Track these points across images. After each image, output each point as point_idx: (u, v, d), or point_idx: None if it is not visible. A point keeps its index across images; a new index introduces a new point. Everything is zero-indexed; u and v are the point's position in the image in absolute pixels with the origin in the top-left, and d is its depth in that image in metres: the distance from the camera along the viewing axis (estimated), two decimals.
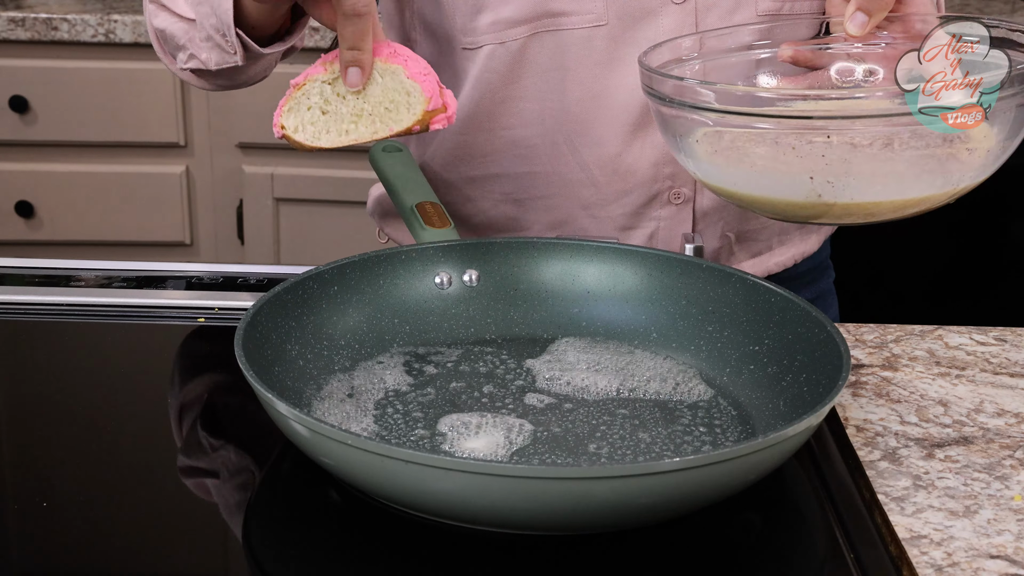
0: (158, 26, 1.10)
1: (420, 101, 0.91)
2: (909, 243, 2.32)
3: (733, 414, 0.89)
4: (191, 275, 1.13)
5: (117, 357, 1.03)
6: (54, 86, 2.27)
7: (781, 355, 0.90)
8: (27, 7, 2.28)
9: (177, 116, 2.31)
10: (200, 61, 1.07)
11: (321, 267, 0.95)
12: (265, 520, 0.80)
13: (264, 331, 0.88)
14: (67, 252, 2.38)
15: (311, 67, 0.93)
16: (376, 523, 0.78)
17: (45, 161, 2.34)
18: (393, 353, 0.95)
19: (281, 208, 2.38)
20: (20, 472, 0.86)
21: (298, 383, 0.89)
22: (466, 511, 0.73)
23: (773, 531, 0.81)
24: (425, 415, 0.87)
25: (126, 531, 0.79)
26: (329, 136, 0.92)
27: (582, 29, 1.07)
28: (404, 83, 0.91)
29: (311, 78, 0.92)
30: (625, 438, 0.85)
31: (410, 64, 0.91)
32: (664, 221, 1.14)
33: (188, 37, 1.07)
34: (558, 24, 1.08)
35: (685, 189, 1.13)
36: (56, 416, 0.92)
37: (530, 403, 0.89)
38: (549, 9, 1.07)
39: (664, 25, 1.07)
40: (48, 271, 1.13)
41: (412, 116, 0.91)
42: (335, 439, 0.73)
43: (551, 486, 0.70)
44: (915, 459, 0.85)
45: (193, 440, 0.90)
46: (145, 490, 0.83)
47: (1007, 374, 0.97)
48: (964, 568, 0.74)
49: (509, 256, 1.00)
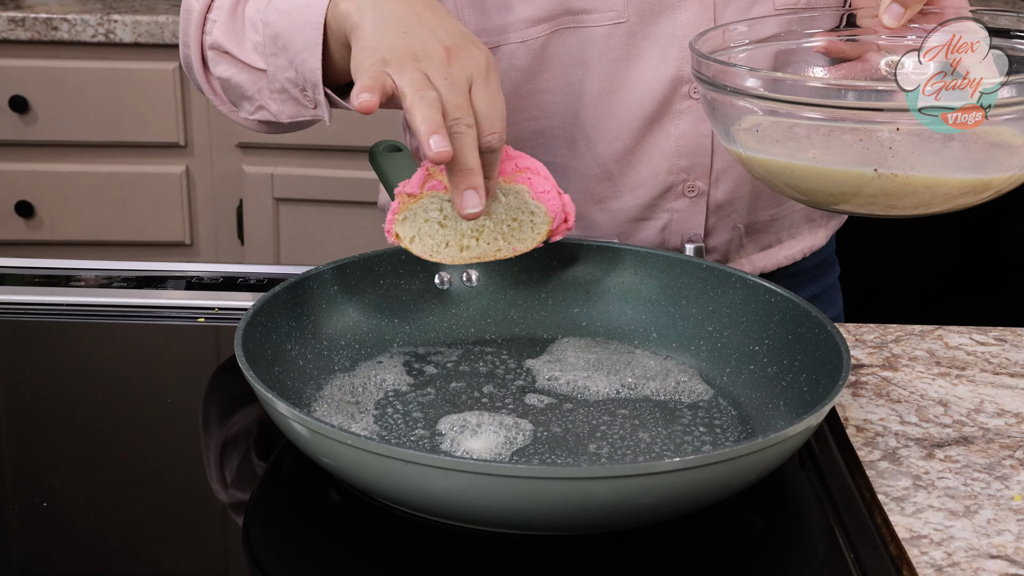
0: (221, 75, 1.04)
1: (544, 221, 0.90)
2: (910, 243, 2.32)
3: (733, 414, 0.89)
4: (191, 275, 1.13)
5: (117, 357, 1.03)
6: (54, 86, 2.27)
7: (781, 355, 0.90)
8: (27, 7, 2.28)
9: (177, 116, 2.31)
10: (270, 113, 1.03)
11: (321, 267, 0.95)
12: (265, 520, 0.80)
13: (264, 331, 0.88)
14: (67, 252, 2.38)
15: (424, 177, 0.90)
16: (376, 523, 0.78)
17: (45, 161, 2.34)
18: (393, 353, 0.95)
19: (281, 208, 2.38)
20: (20, 472, 0.86)
21: (298, 383, 0.89)
22: (466, 511, 0.73)
23: (773, 531, 0.81)
24: (425, 415, 0.87)
25: (126, 531, 0.79)
26: (449, 251, 0.89)
27: (603, 27, 1.08)
28: (528, 203, 0.90)
29: (430, 193, 0.89)
30: (625, 438, 0.85)
31: (534, 182, 0.90)
32: (678, 214, 1.14)
33: (257, 88, 1.02)
34: (579, 22, 1.08)
35: (700, 182, 1.13)
36: (56, 416, 0.92)
37: (530, 403, 0.89)
38: (570, 7, 1.07)
39: (682, 20, 1.07)
40: (48, 271, 1.13)
41: (536, 236, 0.91)
42: (335, 439, 0.73)
43: (551, 486, 0.70)
44: (915, 459, 0.85)
45: (193, 440, 0.90)
46: (145, 490, 0.83)
47: (1007, 374, 0.97)
48: (964, 568, 0.74)
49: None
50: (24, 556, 0.77)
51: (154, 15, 2.23)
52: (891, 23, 0.91)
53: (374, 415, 0.87)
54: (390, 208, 0.90)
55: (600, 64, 1.09)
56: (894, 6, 0.90)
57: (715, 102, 0.89)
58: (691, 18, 1.07)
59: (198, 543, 0.79)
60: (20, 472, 0.86)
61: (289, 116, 1.01)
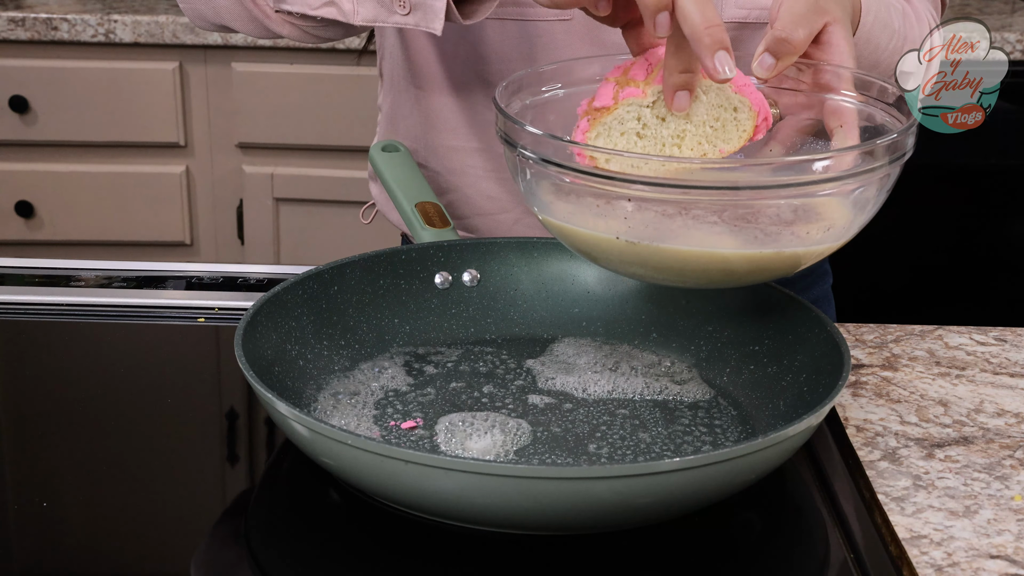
0: None
1: (749, 117, 0.84)
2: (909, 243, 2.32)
3: (733, 414, 0.89)
4: (191, 275, 1.13)
5: (117, 357, 1.03)
6: (54, 86, 2.27)
7: (781, 355, 0.90)
8: (27, 7, 2.28)
9: (177, 116, 2.31)
10: (341, 12, 0.95)
11: (321, 267, 0.95)
12: (265, 520, 0.80)
13: (264, 331, 0.88)
14: (67, 252, 2.38)
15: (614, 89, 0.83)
16: (376, 523, 0.78)
17: (45, 161, 2.34)
18: (393, 353, 0.95)
19: (281, 208, 2.38)
20: (20, 472, 0.86)
21: (298, 383, 0.89)
22: (466, 511, 0.73)
23: (773, 531, 0.81)
24: (425, 415, 0.87)
25: (126, 531, 0.79)
26: (650, 165, 0.80)
27: (546, 22, 1.07)
28: (731, 98, 0.84)
29: (626, 101, 0.82)
30: (625, 438, 0.85)
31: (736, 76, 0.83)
32: None
33: None
34: (523, 14, 1.07)
35: None
36: (56, 416, 0.92)
37: (530, 403, 0.89)
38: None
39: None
40: (48, 271, 1.13)
41: (743, 134, 0.84)
42: (335, 439, 0.73)
43: (551, 486, 0.70)
44: (915, 459, 0.85)
45: (193, 440, 0.90)
46: (145, 490, 0.83)
47: (1007, 374, 0.97)
48: (964, 568, 0.74)
49: (509, 256, 1.00)
50: (24, 556, 0.77)
51: (154, 15, 2.23)
52: (761, 74, 0.85)
53: (374, 415, 0.87)
54: (577, 129, 0.84)
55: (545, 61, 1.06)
56: (765, 56, 0.85)
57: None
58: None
59: (198, 543, 0.79)
60: (20, 472, 0.86)
61: (366, 19, 0.94)
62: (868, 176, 0.78)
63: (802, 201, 0.79)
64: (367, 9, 0.94)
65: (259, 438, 0.91)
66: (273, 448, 0.89)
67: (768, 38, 0.85)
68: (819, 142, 0.87)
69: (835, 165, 0.77)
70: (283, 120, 2.31)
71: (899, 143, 0.79)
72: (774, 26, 0.85)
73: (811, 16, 0.85)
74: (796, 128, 0.88)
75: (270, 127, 2.32)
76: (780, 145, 0.88)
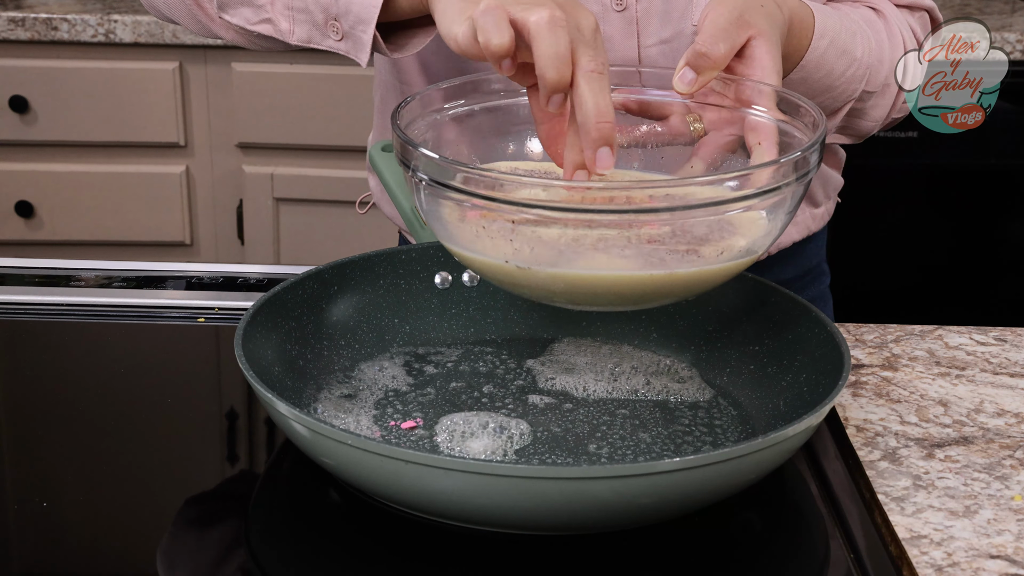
0: None
1: None
2: (908, 243, 2.32)
3: (733, 414, 0.89)
4: (191, 275, 1.13)
5: (117, 357, 1.03)
6: (54, 86, 2.27)
7: (781, 355, 0.90)
8: (27, 7, 2.28)
9: (177, 116, 2.31)
10: (277, 30, 0.96)
11: (321, 267, 0.95)
12: (265, 520, 0.80)
13: (264, 331, 0.88)
14: (67, 252, 2.38)
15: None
16: (376, 523, 0.78)
17: (45, 161, 2.34)
18: (393, 353, 0.95)
19: (281, 208, 2.38)
20: (20, 472, 0.86)
21: (298, 383, 0.89)
22: (466, 511, 0.73)
23: (773, 531, 0.81)
24: (425, 415, 0.87)
25: (126, 531, 0.79)
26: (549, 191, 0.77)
27: None
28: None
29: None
30: (625, 438, 0.85)
31: None
32: None
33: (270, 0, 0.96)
34: None
35: None
36: (56, 416, 0.92)
37: (530, 403, 0.89)
38: None
39: (606, 32, 1.03)
40: (48, 271, 1.13)
41: None
42: (335, 439, 0.73)
43: (551, 486, 0.70)
44: (915, 459, 0.85)
45: (193, 440, 0.90)
46: (145, 490, 0.83)
47: (1007, 374, 0.97)
48: (964, 568, 0.74)
49: None
50: (24, 556, 0.77)
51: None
52: (682, 88, 0.84)
53: (374, 415, 0.87)
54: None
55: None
56: (686, 71, 0.84)
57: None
58: (615, 32, 1.03)
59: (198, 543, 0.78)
60: (20, 472, 0.86)
61: (300, 40, 0.95)
62: (755, 200, 0.76)
63: (685, 223, 0.77)
64: (302, 30, 0.95)
65: (259, 438, 0.91)
66: (273, 448, 0.89)
67: (689, 52, 0.84)
68: (740, 159, 0.86)
69: (738, 185, 0.75)
70: (283, 120, 2.31)
71: (803, 160, 0.77)
72: (695, 40, 0.84)
73: (733, 30, 0.85)
74: (719, 144, 0.87)
75: (270, 127, 2.32)
76: (702, 161, 0.87)
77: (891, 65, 1.04)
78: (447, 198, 0.78)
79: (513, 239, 0.77)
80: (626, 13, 1.03)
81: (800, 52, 0.96)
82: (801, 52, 0.96)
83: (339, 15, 0.91)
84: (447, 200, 0.78)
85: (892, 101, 1.06)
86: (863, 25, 1.03)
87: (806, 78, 0.98)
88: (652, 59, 1.04)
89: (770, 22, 0.87)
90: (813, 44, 0.96)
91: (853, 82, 1.01)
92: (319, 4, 0.93)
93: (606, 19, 1.03)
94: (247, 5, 0.98)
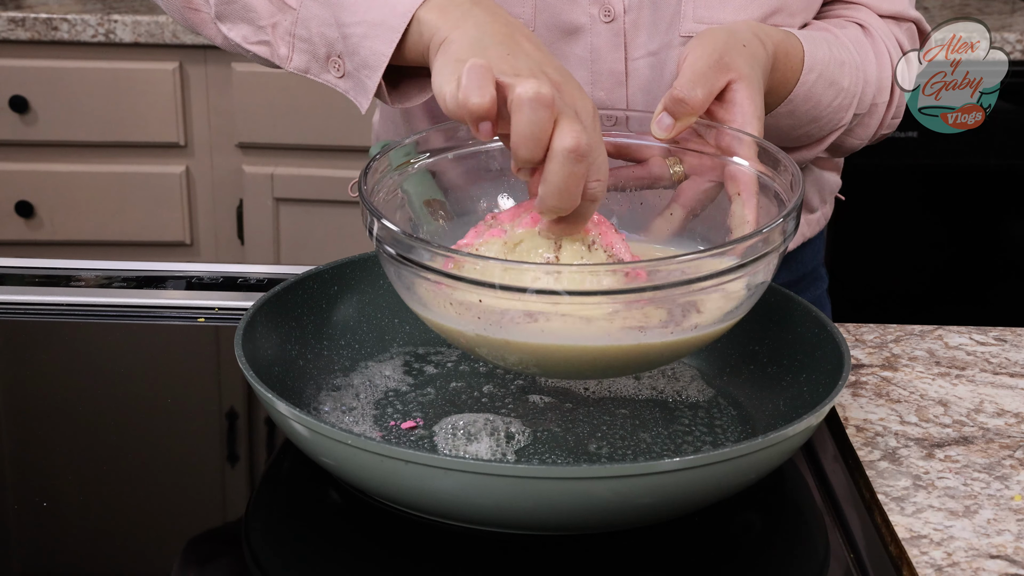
0: None
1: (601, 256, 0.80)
2: (908, 244, 2.32)
3: (733, 414, 0.89)
4: (191, 275, 1.13)
5: (117, 357, 1.03)
6: (54, 86, 2.27)
7: (781, 355, 0.90)
8: (27, 7, 2.28)
9: (177, 116, 2.31)
10: (275, 54, 0.93)
11: (321, 267, 0.95)
12: (265, 520, 0.80)
13: (264, 331, 0.88)
14: (67, 252, 2.38)
15: (480, 228, 0.82)
16: (376, 523, 0.78)
17: (45, 161, 2.34)
18: (393, 353, 0.95)
19: (281, 208, 2.38)
20: (20, 472, 0.86)
21: (298, 383, 0.89)
22: (466, 511, 0.73)
23: (773, 531, 0.81)
24: (425, 415, 0.87)
25: (126, 531, 0.79)
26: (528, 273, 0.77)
27: None
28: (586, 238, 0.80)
29: (488, 240, 0.81)
30: (625, 438, 0.85)
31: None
32: None
33: (272, 22, 0.91)
34: None
35: None
36: (56, 416, 0.92)
37: (530, 403, 0.89)
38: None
39: (594, 44, 1.02)
40: (48, 271, 1.13)
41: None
42: (335, 439, 0.73)
43: (551, 486, 0.70)
44: (915, 459, 0.85)
45: (193, 440, 0.90)
46: (145, 490, 0.83)
47: (1007, 374, 0.97)
48: (964, 568, 0.74)
49: None
50: (24, 556, 0.77)
51: (154, 15, 2.23)
52: (660, 134, 0.84)
53: (374, 415, 0.87)
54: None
55: None
56: (663, 116, 0.84)
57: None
58: (603, 43, 1.02)
59: (198, 543, 0.79)
60: (20, 472, 0.86)
61: (297, 68, 0.92)
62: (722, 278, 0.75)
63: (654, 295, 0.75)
64: (301, 60, 0.92)
65: (259, 438, 0.91)
66: (273, 448, 0.89)
67: (666, 97, 0.84)
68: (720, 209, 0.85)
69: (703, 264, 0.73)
70: (283, 120, 2.31)
71: (781, 229, 0.76)
72: (673, 84, 0.83)
73: (712, 74, 0.84)
74: (699, 190, 0.86)
75: (270, 127, 2.32)
76: (682, 208, 0.86)
77: (878, 85, 1.03)
78: (411, 272, 0.77)
79: (481, 315, 0.75)
80: (614, 25, 1.02)
81: (788, 86, 0.95)
82: (789, 87, 0.95)
83: (344, 54, 0.88)
84: (406, 271, 0.77)
85: (880, 120, 1.06)
86: (852, 50, 1.01)
87: (793, 111, 0.97)
88: (639, 71, 1.03)
89: (752, 63, 0.87)
90: (802, 79, 0.95)
91: (840, 111, 1.00)
92: (324, 37, 0.89)
93: (593, 31, 1.02)
94: (248, 22, 0.94)
